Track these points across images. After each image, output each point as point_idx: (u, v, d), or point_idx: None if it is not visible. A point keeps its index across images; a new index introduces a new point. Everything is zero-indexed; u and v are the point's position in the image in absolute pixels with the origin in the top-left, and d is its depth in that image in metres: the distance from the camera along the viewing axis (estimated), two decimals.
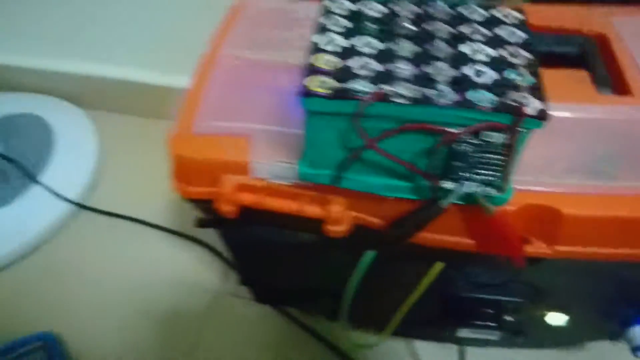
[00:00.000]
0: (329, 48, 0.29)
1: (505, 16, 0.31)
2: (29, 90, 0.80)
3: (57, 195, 0.66)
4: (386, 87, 0.27)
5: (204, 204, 0.38)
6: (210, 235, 0.63)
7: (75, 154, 0.72)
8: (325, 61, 0.28)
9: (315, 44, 0.29)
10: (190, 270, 0.62)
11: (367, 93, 0.26)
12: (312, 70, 0.28)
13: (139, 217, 0.67)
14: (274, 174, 0.34)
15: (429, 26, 0.31)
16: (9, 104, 0.78)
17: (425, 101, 0.26)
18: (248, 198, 0.34)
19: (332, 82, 0.27)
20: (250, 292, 0.54)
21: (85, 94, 0.79)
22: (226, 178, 0.34)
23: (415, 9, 0.32)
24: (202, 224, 0.43)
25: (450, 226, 0.32)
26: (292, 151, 0.33)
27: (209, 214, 0.40)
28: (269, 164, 0.34)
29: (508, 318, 0.42)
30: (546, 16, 0.39)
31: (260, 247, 0.41)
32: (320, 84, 0.27)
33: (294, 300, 0.51)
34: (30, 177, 0.67)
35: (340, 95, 0.26)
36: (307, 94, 0.27)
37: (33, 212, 0.65)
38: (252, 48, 0.41)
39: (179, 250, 0.64)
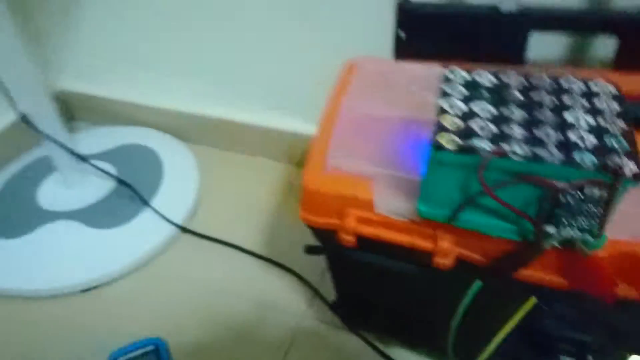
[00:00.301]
0: (452, 111, 0.36)
1: (601, 89, 0.38)
2: (140, 124, 0.93)
3: (165, 218, 0.76)
4: (504, 146, 0.33)
5: (323, 233, 0.45)
6: (297, 263, 0.71)
7: (180, 182, 0.82)
8: (450, 122, 0.36)
9: (441, 107, 0.37)
10: (277, 294, 0.69)
11: (487, 150, 0.33)
12: (441, 128, 0.35)
13: (233, 242, 0.75)
14: (392, 210, 0.41)
15: (535, 96, 0.37)
16: (124, 135, 0.90)
17: (537, 159, 0.32)
18: (368, 230, 0.41)
19: (457, 139, 0.34)
20: (342, 317, 0.60)
21: (188, 130, 0.90)
22: (350, 212, 0.42)
23: (522, 80, 0.39)
24: (311, 250, 0.51)
25: (547, 265, 0.38)
26: (408, 192, 0.40)
27: (325, 242, 0.47)
28: (388, 202, 0.41)
29: (590, 358, 0.46)
30: (634, 83, 0.45)
31: (367, 274, 0.47)
32: (447, 140, 0.34)
33: (389, 327, 0.57)
34: (144, 201, 0.77)
35: (466, 150, 0.33)
36: (438, 147, 0.34)
37: (145, 232, 0.75)
38: (369, 102, 0.49)
39: (268, 275, 0.71)
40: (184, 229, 0.77)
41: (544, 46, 0.58)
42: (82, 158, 0.77)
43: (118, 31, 0.85)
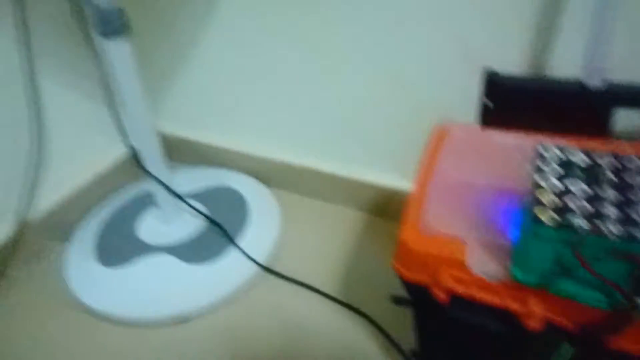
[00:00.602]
0: (548, 187, 0.41)
1: None
2: (229, 166, 1.02)
3: (250, 258, 0.83)
4: (599, 224, 0.37)
5: (415, 287, 0.50)
6: (374, 309, 0.75)
7: (264, 225, 0.90)
8: (547, 198, 0.40)
9: (537, 183, 0.41)
10: (353, 340, 0.73)
11: (584, 228, 0.37)
12: (538, 203, 0.40)
13: (311, 284, 0.81)
14: (485, 272, 0.45)
15: (627, 177, 0.41)
16: (214, 177, 0.99)
17: (632, 239, 0.36)
18: (461, 289, 0.46)
19: (555, 215, 0.39)
20: None
21: (272, 175, 0.98)
22: (444, 270, 0.46)
23: (614, 161, 0.43)
24: (398, 301, 0.55)
25: (637, 335, 0.41)
26: (500, 255, 0.44)
27: (415, 295, 0.52)
28: (482, 264, 0.45)
29: None
30: None
31: (455, 329, 0.51)
32: (545, 216, 0.39)
33: None
34: (231, 240, 0.85)
35: (564, 227, 0.38)
36: (536, 221, 0.38)
37: (231, 270, 0.82)
38: (461, 168, 0.54)
39: (345, 320, 0.76)
40: (267, 269, 0.83)
41: (629, 120, 0.61)
42: (180, 197, 0.86)
43: (214, 82, 0.95)
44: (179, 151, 1.07)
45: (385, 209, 0.90)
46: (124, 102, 0.75)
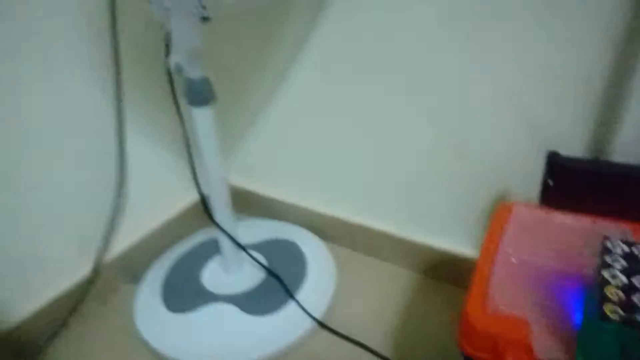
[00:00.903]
0: (614, 282, 0.44)
1: None
2: (286, 219, 1.08)
3: (308, 313, 0.87)
4: None
5: None
6: None
7: (320, 279, 0.94)
8: (613, 293, 0.43)
9: (603, 277, 0.44)
10: None
11: None
12: (604, 299, 0.42)
13: (364, 342, 0.84)
14: (549, 357, 0.47)
15: None
16: (274, 230, 1.05)
17: None
18: None
19: (620, 311, 0.41)
20: None
21: (330, 231, 1.03)
22: (509, 351, 0.49)
23: None
24: None
25: None
26: (565, 340, 0.47)
27: None
28: (546, 348, 0.48)
29: None
30: None
31: None
32: (611, 311, 0.41)
33: None
34: (290, 294, 0.89)
35: (630, 323, 0.40)
36: (602, 317, 0.41)
37: (289, 324, 0.86)
38: (525, 249, 0.57)
39: None
40: (323, 325, 0.87)
41: None
42: (243, 248, 0.92)
43: (281, 141, 1.03)
44: (243, 202, 1.14)
45: (441, 272, 0.93)
46: (201, 157, 0.82)
